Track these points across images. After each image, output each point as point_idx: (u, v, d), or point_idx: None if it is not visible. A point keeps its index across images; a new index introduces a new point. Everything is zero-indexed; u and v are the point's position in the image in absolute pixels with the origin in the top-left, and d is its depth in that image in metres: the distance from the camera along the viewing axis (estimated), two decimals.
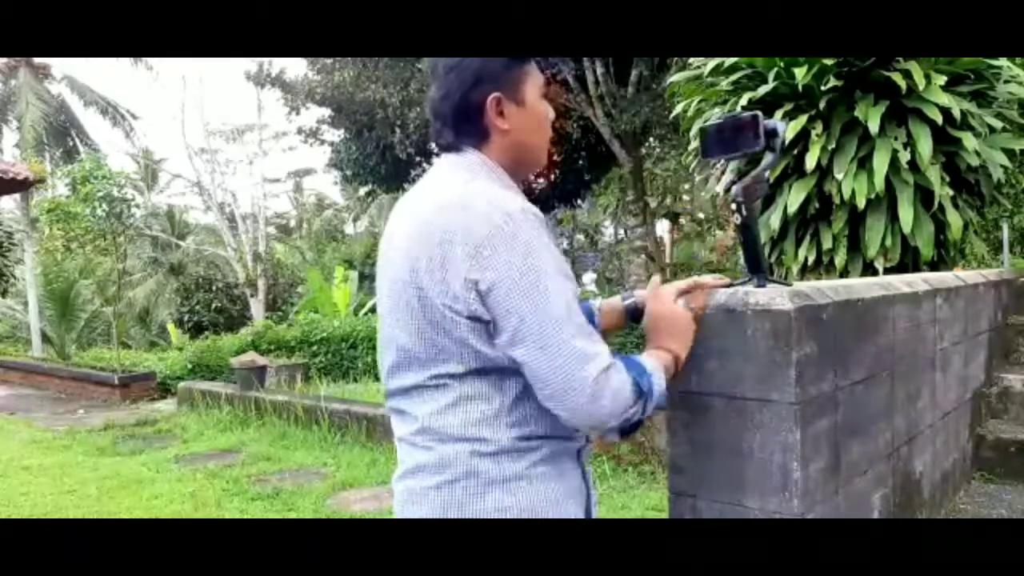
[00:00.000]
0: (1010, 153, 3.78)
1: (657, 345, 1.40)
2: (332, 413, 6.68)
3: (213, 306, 21.11)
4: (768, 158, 1.72)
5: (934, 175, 3.45)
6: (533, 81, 1.29)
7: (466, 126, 1.25)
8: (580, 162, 15.45)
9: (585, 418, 1.17)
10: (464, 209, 1.16)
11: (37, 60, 20.50)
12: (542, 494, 1.22)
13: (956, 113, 3.35)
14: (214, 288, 21.75)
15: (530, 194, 16.22)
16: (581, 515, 1.30)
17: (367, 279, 26.99)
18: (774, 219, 3.80)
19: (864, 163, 3.53)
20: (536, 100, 1.29)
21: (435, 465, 1.22)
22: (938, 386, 2.65)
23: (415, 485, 1.25)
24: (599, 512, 1.36)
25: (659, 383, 1.27)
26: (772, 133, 1.67)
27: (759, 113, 1.67)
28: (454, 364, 1.19)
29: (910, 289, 2.41)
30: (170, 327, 18.57)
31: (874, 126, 3.39)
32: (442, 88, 1.28)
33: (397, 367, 1.26)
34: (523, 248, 1.12)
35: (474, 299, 1.14)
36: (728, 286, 1.73)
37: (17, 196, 14.15)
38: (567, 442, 1.28)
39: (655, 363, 1.30)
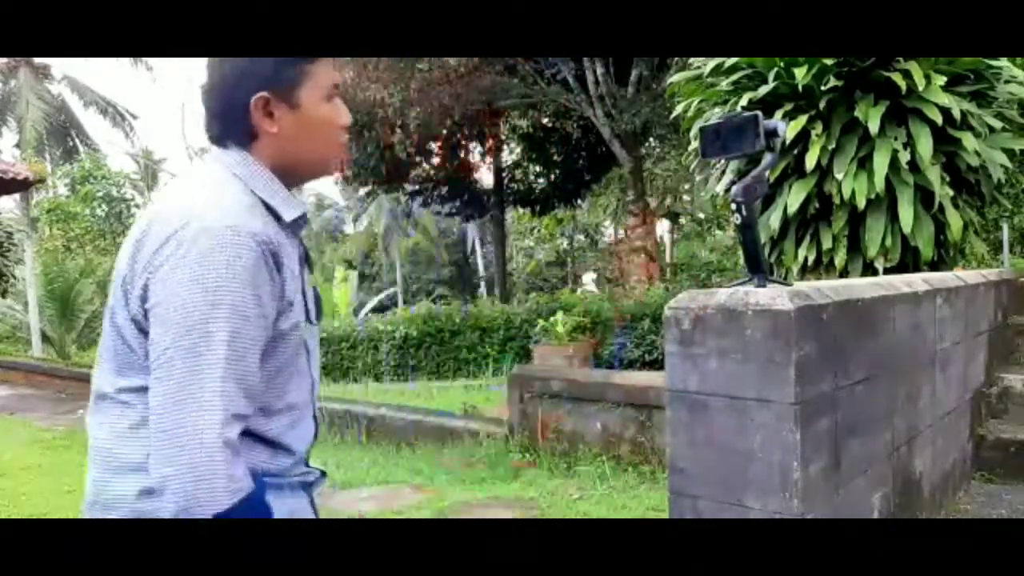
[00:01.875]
0: (1010, 153, 3.78)
1: None
2: (332, 413, 6.68)
3: None
4: (768, 158, 1.73)
5: (934, 175, 3.45)
6: (314, 83, 1.17)
7: (231, 123, 1.15)
8: (580, 162, 15.46)
9: (181, 486, 0.97)
10: (167, 218, 1.05)
11: (37, 60, 20.49)
12: None
13: (956, 113, 3.35)
14: None
15: (530, 193, 16.30)
16: None
17: (367, 279, 27.03)
18: (774, 219, 3.80)
19: (864, 163, 3.53)
20: (316, 104, 1.17)
21: (102, 504, 1.09)
22: (938, 386, 2.65)
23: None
24: (599, 512, 1.36)
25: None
26: (772, 133, 1.67)
27: (759, 113, 1.68)
28: (138, 377, 1.06)
29: (910, 289, 2.41)
30: None
31: (874, 126, 3.39)
32: (210, 79, 1.18)
33: (97, 370, 1.15)
34: (199, 272, 0.99)
35: (141, 310, 1.05)
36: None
37: (17, 196, 14.15)
38: (274, 477, 1.15)
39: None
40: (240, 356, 1.01)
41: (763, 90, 3.65)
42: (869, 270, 3.68)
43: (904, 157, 3.44)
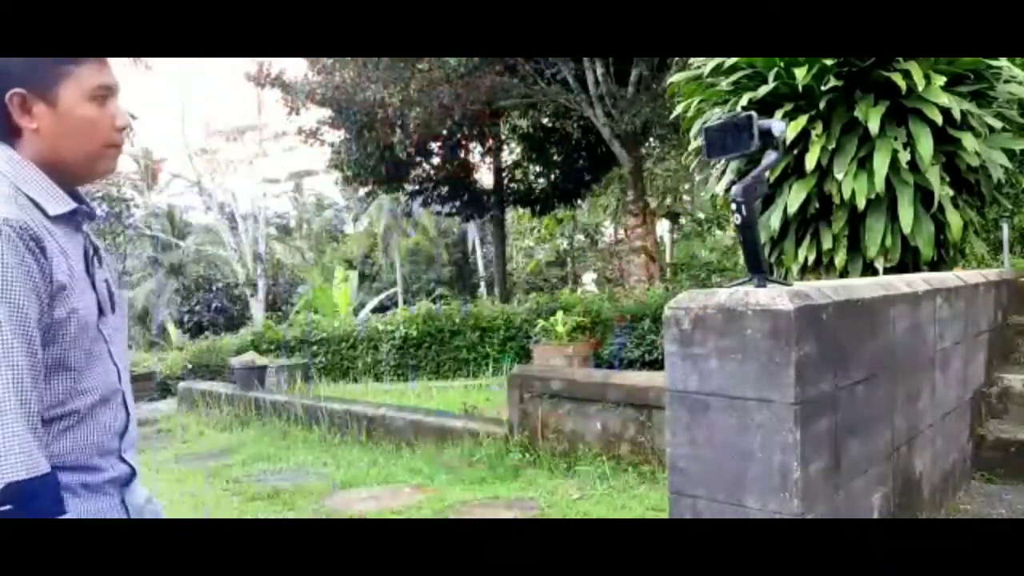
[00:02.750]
0: (1010, 153, 3.78)
1: None
2: (332, 413, 6.68)
3: (213, 306, 21.14)
4: (769, 158, 1.73)
5: (934, 175, 3.45)
6: (76, 83, 1.19)
7: None
8: (580, 162, 15.47)
9: None
10: None
11: None
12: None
13: (956, 113, 3.35)
14: (214, 288, 21.78)
15: (530, 193, 16.31)
16: None
17: (367, 279, 27.05)
18: (774, 219, 3.80)
19: (864, 163, 3.53)
20: (77, 103, 1.20)
21: None
22: (938, 386, 2.65)
23: None
24: (599, 512, 1.36)
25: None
26: (766, 132, 1.68)
27: (753, 113, 1.69)
28: None
29: (910, 289, 2.41)
30: (170, 327, 18.56)
31: (874, 126, 3.39)
32: None
33: None
34: None
35: None
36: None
37: None
38: (73, 473, 1.16)
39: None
40: (19, 329, 1.05)
41: (763, 90, 3.65)
42: (869, 270, 3.68)
43: (904, 157, 3.44)
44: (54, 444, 1.13)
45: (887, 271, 3.61)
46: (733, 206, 1.73)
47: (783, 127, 1.75)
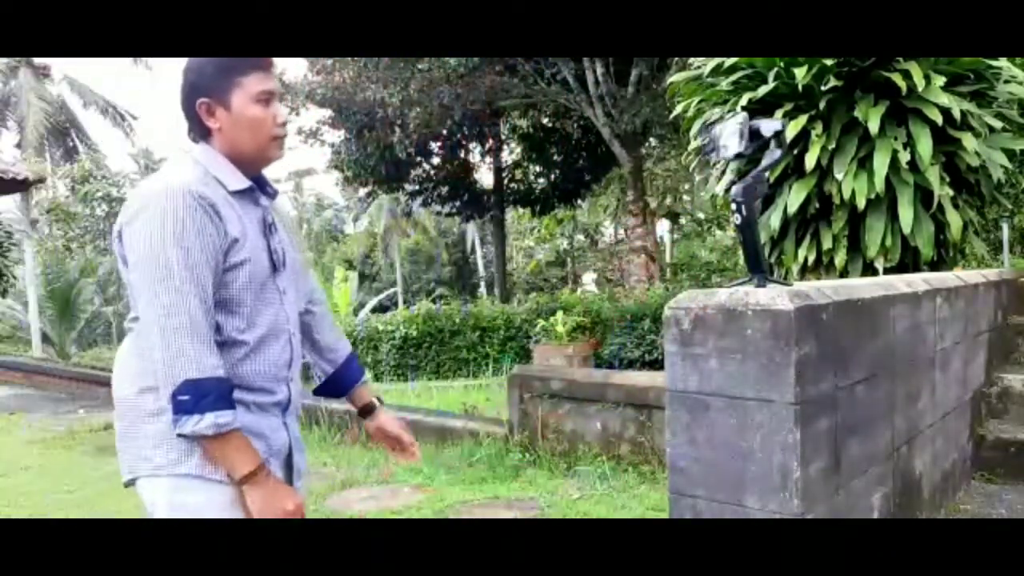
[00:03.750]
0: (1010, 153, 3.78)
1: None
2: (332, 413, 6.67)
3: None
4: (770, 157, 1.73)
5: (934, 175, 3.44)
6: (243, 91, 1.48)
7: (192, 124, 1.53)
8: (580, 162, 15.46)
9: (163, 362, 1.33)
10: (142, 184, 1.49)
11: (37, 60, 20.48)
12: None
13: (956, 113, 3.35)
14: None
15: (530, 193, 16.29)
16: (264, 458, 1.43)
17: (367, 279, 27.05)
18: (774, 219, 3.80)
19: (864, 163, 3.53)
20: (244, 107, 1.49)
21: (117, 400, 1.49)
22: (938, 386, 2.65)
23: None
24: (599, 512, 1.36)
25: (211, 416, 1.32)
26: (756, 133, 1.68)
27: (745, 114, 1.69)
28: (135, 309, 1.44)
29: (910, 289, 2.41)
30: None
31: (874, 126, 3.39)
32: (179, 91, 1.55)
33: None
34: (159, 217, 1.36)
35: (120, 250, 1.44)
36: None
37: (17, 196, 14.13)
38: (249, 392, 1.45)
39: (230, 430, 1.35)
40: (191, 268, 1.36)
41: (763, 90, 3.65)
42: (869, 270, 3.68)
43: (904, 157, 3.44)
44: (237, 367, 1.44)
45: (887, 271, 3.61)
46: (733, 206, 1.74)
47: (776, 126, 1.74)
